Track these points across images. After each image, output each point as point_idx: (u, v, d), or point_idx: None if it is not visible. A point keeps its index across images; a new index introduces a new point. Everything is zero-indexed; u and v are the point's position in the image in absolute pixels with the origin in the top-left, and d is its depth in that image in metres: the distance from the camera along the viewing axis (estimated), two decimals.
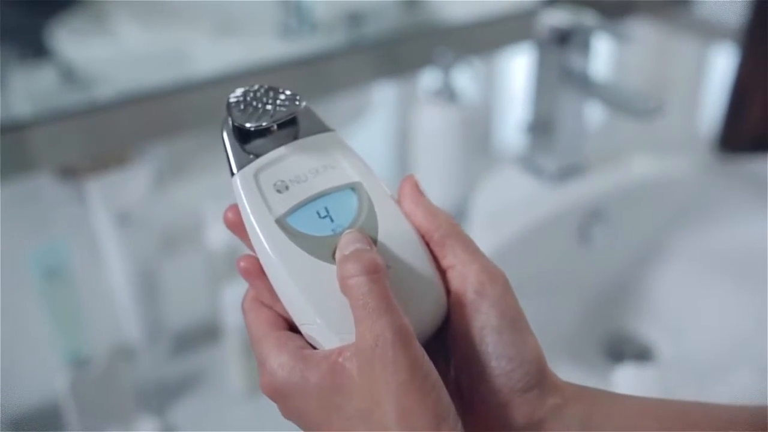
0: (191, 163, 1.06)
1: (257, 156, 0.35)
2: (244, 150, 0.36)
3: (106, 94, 0.87)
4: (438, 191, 0.94)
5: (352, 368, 0.30)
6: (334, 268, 0.32)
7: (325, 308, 0.32)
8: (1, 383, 0.73)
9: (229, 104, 0.36)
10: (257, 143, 0.36)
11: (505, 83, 1.35)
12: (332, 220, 0.34)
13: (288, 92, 0.36)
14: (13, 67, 0.85)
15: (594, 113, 1.11)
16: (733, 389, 0.73)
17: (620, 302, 0.88)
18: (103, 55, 0.94)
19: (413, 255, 0.33)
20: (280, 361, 0.32)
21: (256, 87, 0.36)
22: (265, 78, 0.91)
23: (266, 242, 0.33)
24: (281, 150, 0.36)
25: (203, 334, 0.81)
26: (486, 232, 0.81)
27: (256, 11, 1.00)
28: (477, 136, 1.00)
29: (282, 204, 0.34)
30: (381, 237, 0.33)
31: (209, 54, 0.96)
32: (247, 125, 0.35)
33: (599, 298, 0.87)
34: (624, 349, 0.84)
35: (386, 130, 1.20)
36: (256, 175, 0.35)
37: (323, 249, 0.33)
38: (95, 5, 0.95)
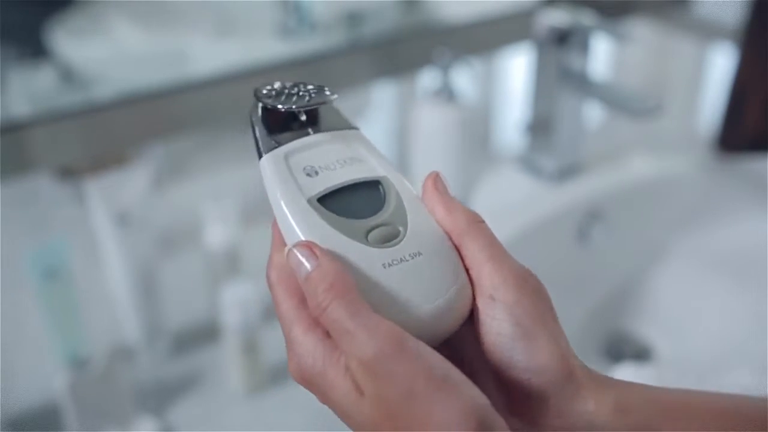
0: (190, 164, 1.06)
1: (285, 143, 0.35)
2: (272, 138, 0.36)
3: (105, 94, 0.87)
4: None
5: (363, 380, 0.29)
6: (367, 248, 0.32)
7: (358, 288, 0.31)
8: (1, 383, 0.72)
9: (258, 91, 0.36)
10: (285, 132, 0.36)
11: (504, 83, 1.35)
12: (363, 208, 0.34)
13: (317, 85, 0.37)
14: (12, 67, 0.85)
15: (593, 113, 1.11)
16: (733, 389, 0.73)
17: (620, 302, 0.88)
18: (102, 55, 0.93)
19: (440, 248, 0.33)
20: (305, 348, 0.31)
21: (285, 82, 0.37)
22: (264, 78, 0.91)
23: (296, 221, 0.33)
24: (310, 138, 0.36)
25: (202, 335, 0.81)
26: None
27: (255, 11, 1.00)
28: (476, 136, 1.00)
29: (313, 187, 0.34)
30: (410, 229, 0.33)
31: (208, 54, 0.96)
32: (279, 106, 0.35)
33: (599, 298, 0.87)
34: (623, 349, 0.84)
35: (385, 130, 1.20)
36: (286, 158, 0.35)
37: (356, 231, 0.33)
38: (94, 5, 0.95)
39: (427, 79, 0.97)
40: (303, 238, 0.32)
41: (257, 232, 0.92)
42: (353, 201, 0.34)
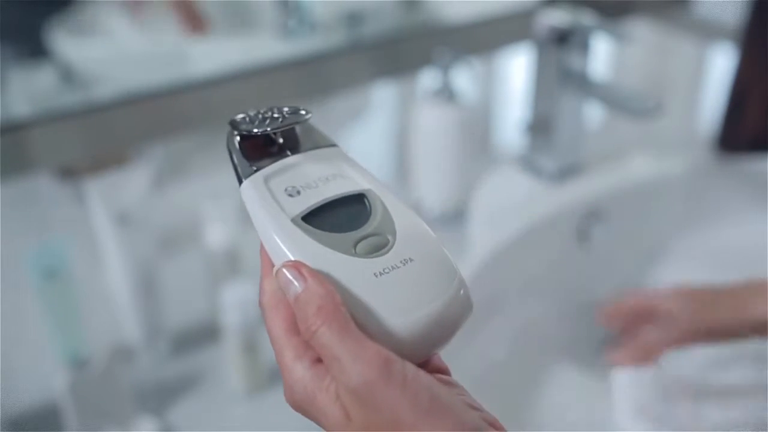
0: (190, 163, 1.06)
1: (264, 168, 0.36)
2: (251, 164, 0.36)
3: (105, 94, 0.87)
4: (437, 191, 0.94)
5: (351, 407, 0.30)
6: (356, 259, 0.32)
7: (351, 301, 0.31)
8: (1, 383, 0.72)
9: (233, 120, 0.36)
10: (263, 156, 0.36)
11: (504, 83, 1.35)
12: (349, 221, 0.34)
13: (292, 106, 0.37)
14: (12, 67, 0.85)
15: (593, 113, 1.11)
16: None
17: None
18: (102, 55, 0.93)
19: (433, 251, 0.33)
20: (294, 376, 0.31)
21: (260, 108, 0.37)
22: (264, 78, 0.91)
23: (283, 241, 0.33)
24: (288, 160, 0.36)
25: (202, 335, 0.81)
26: (485, 232, 0.81)
27: (255, 11, 1.00)
28: (476, 136, 1.00)
29: (296, 206, 0.34)
30: (399, 237, 0.33)
31: (208, 54, 0.96)
32: (255, 130, 0.35)
33: (599, 298, 0.87)
34: None
35: (385, 130, 1.20)
36: (266, 181, 0.35)
37: (344, 244, 0.33)
38: (95, 5, 0.95)
39: (427, 79, 0.97)
40: (291, 258, 0.32)
41: (257, 232, 0.92)
42: (338, 216, 0.34)
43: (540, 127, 0.87)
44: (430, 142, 0.91)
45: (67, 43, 0.90)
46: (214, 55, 0.95)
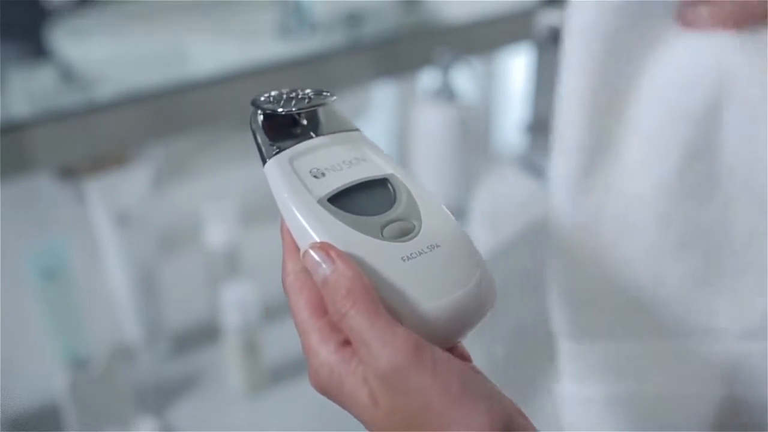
0: (190, 164, 1.06)
1: (288, 148, 0.35)
2: (274, 144, 0.35)
3: (105, 94, 0.87)
4: (437, 191, 0.94)
5: (380, 392, 0.29)
6: (384, 243, 0.32)
7: (379, 284, 0.31)
8: (1, 383, 0.72)
9: (256, 99, 0.36)
10: (286, 138, 0.36)
11: (505, 83, 1.35)
12: (375, 205, 0.34)
13: (315, 89, 0.37)
14: (13, 67, 0.85)
15: None
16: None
17: None
18: (103, 55, 0.93)
19: (458, 238, 0.33)
20: (320, 359, 0.31)
21: (282, 89, 0.37)
22: (264, 78, 0.91)
23: (309, 222, 0.32)
24: (313, 141, 0.36)
25: (202, 335, 0.81)
26: (485, 232, 0.81)
27: (255, 11, 1.00)
28: (476, 136, 1.00)
29: (322, 188, 0.34)
30: (425, 223, 0.33)
31: (208, 54, 0.96)
32: (279, 110, 0.35)
33: None
34: None
35: (385, 129, 1.20)
36: (291, 161, 0.35)
37: (371, 227, 0.32)
38: (95, 5, 0.95)
39: (427, 79, 0.97)
40: (317, 239, 0.32)
41: (257, 232, 0.92)
42: (364, 199, 0.34)
43: (540, 127, 0.87)
44: (429, 142, 0.91)
45: (67, 43, 0.90)
46: (214, 55, 0.95)
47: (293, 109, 0.35)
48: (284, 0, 0.98)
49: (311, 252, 0.31)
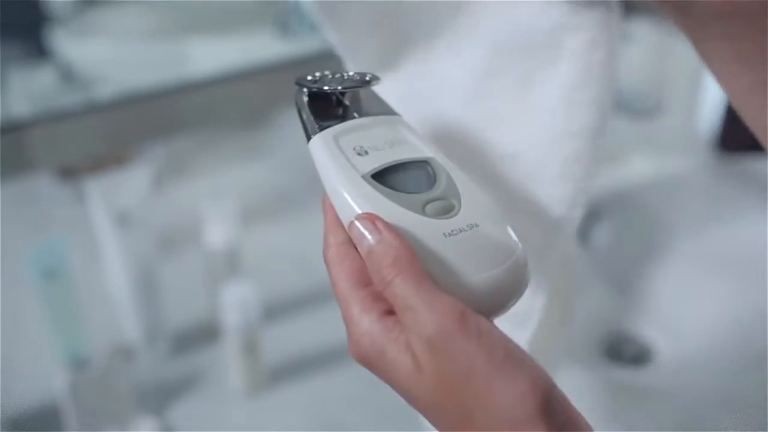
0: (190, 163, 1.06)
1: (332, 126, 0.37)
2: (318, 122, 0.37)
3: (105, 94, 0.87)
4: None
5: (424, 357, 0.29)
6: (427, 219, 0.33)
7: (423, 257, 0.32)
8: (1, 383, 0.72)
9: (301, 78, 0.38)
10: (330, 117, 0.37)
11: None
12: (416, 184, 0.34)
13: (358, 72, 0.38)
14: (13, 67, 0.85)
15: None
16: (733, 388, 0.73)
17: (620, 302, 0.88)
18: (103, 55, 0.93)
19: (496, 220, 0.34)
20: (362, 329, 0.31)
21: (325, 71, 0.38)
22: (264, 78, 0.91)
23: (354, 196, 0.33)
24: (356, 121, 0.37)
25: (202, 334, 0.81)
26: None
27: (255, 11, 1.00)
28: None
29: (365, 164, 0.35)
30: (464, 203, 0.34)
31: (208, 54, 0.96)
32: (325, 88, 0.37)
33: (599, 298, 0.87)
34: (623, 349, 0.84)
35: None
36: (336, 138, 0.36)
37: (414, 204, 0.33)
38: (95, 5, 0.95)
39: None
40: (360, 213, 0.33)
41: (257, 232, 0.92)
42: (406, 178, 0.35)
43: None
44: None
45: (67, 42, 0.90)
46: (214, 55, 0.95)
47: (339, 88, 0.36)
48: (284, 0, 0.98)
49: (357, 223, 0.32)
